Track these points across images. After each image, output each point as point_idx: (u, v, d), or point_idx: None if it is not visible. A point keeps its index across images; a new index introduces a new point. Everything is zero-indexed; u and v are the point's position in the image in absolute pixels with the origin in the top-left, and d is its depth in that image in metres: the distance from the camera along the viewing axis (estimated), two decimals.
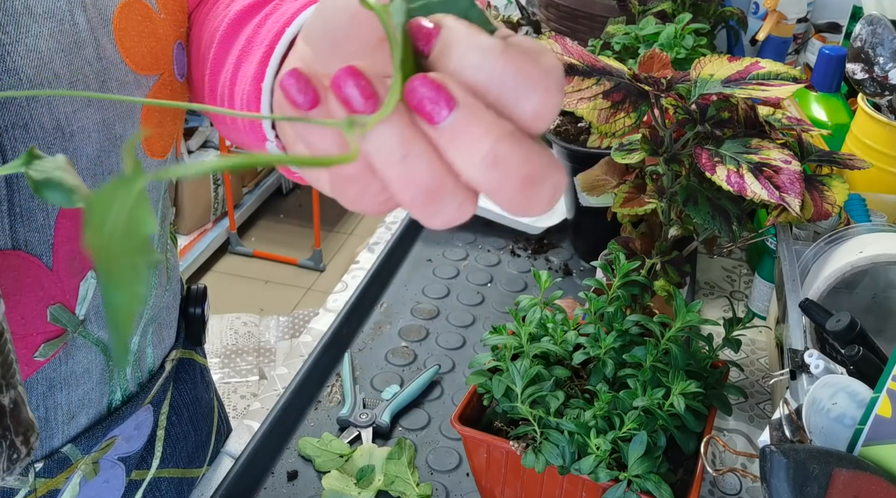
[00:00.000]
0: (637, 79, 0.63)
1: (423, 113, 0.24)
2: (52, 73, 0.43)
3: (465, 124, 0.24)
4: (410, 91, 0.24)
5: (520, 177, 0.24)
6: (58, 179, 0.26)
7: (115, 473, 0.60)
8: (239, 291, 2.81)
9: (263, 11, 0.46)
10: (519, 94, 0.24)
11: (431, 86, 0.24)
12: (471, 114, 0.24)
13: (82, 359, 0.52)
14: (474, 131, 0.24)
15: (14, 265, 0.45)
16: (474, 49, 0.24)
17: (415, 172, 0.25)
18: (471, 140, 0.24)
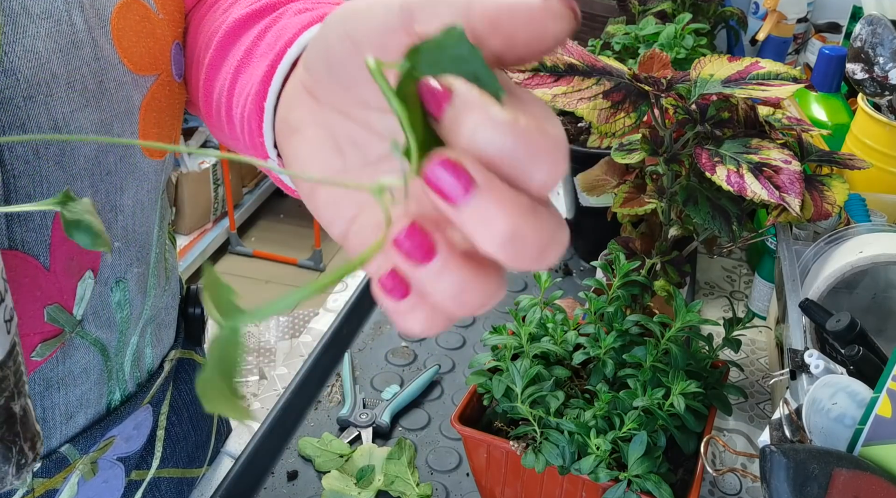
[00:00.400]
0: (637, 79, 0.63)
1: (444, 195, 0.24)
2: (50, 73, 0.43)
3: (485, 206, 0.24)
4: (430, 174, 0.24)
5: (536, 248, 0.25)
6: (87, 223, 0.28)
7: (114, 473, 0.60)
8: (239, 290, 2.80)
9: (263, 23, 0.46)
10: (528, 168, 0.25)
11: (452, 169, 0.24)
12: (490, 194, 0.24)
13: (80, 359, 0.52)
14: (494, 212, 0.24)
15: (11, 265, 0.45)
16: (487, 123, 0.24)
17: (467, 299, 0.26)
18: (490, 220, 0.24)
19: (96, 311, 0.52)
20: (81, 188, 0.47)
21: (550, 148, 0.25)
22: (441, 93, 0.25)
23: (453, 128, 0.25)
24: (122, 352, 0.56)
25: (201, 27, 0.52)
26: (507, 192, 0.24)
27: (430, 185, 0.24)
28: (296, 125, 0.35)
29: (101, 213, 0.50)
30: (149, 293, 0.58)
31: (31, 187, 0.45)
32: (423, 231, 0.25)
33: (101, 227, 0.28)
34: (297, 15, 0.44)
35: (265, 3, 0.48)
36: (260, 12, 0.47)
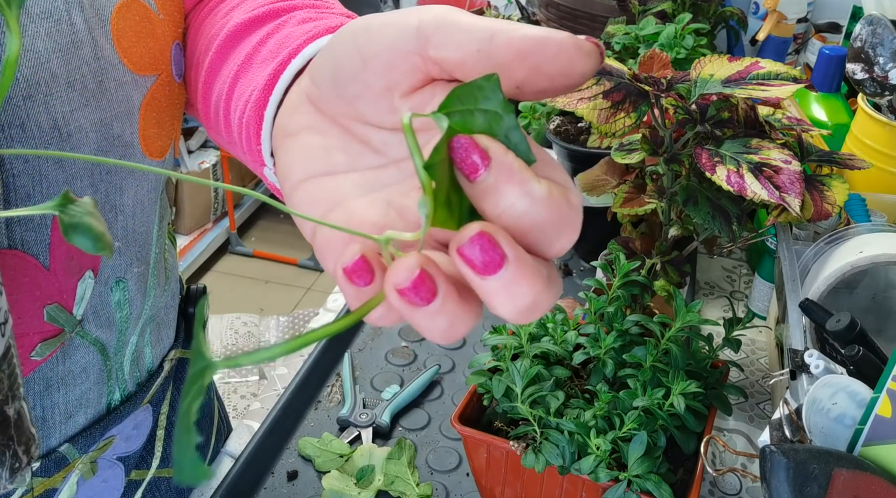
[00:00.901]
0: (637, 79, 0.63)
1: (475, 268, 0.25)
2: (50, 72, 0.43)
3: (513, 280, 0.25)
4: (465, 250, 0.25)
5: (543, 309, 0.26)
6: (87, 225, 0.27)
7: (113, 473, 0.60)
8: (239, 291, 2.81)
9: (265, 29, 0.46)
10: (553, 237, 0.26)
11: (488, 245, 0.25)
12: (518, 270, 0.25)
13: (80, 359, 0.52)
14: (520, 285, 0.25)
15: (10, 264, 0.45)
16: (526, 197, 0.25)
17: (455, 332, 0.27)
18: (516, 293, 0.25)
19: (96, 310, 0.52)
20: (81, 188, 0.47)
21: (574, 218, 0.26)
22: (479, 156, 0.26)
23: (489, 195, 0.26)
24: (122, 351, 0.56)
25: (202, 30, 0.52)
26: (532, 266, 0.25)
27: (464, 258, 0.25)
28: (293, 130, 0.36)
29: (102, 213, 0.50)
30: (148, 293, 0.58)
31: (30, 187, 0.45)
32: (431, 279, 0.26)
33: (102, 228, 0.27)
34: (301, 24, 0.44)
35: (268, 9, 0.47)
36: (262, 18, 0.47)
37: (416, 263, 0.26)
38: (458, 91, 0.26)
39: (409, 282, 0.25)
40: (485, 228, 0.25)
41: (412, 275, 0.25)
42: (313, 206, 0.33)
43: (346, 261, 0.27)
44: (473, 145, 0.26)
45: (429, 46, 0.29)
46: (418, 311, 0.26)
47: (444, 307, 0.26)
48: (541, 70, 0.27)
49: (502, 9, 1.41)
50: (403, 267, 0.25)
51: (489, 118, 0.26)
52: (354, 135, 0.33)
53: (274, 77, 0.40)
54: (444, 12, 0.29)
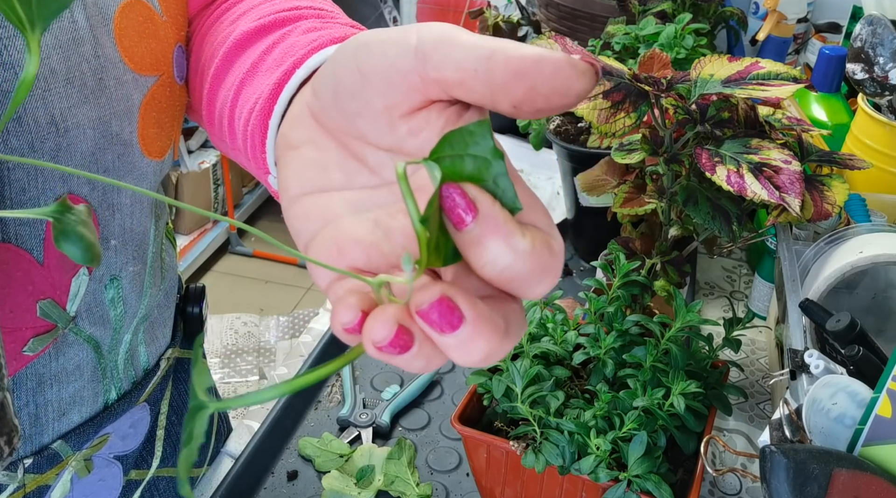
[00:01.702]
0: (637, 79, 0.63)
1: (433, 326, 0.26)
2: (49, 68, 0.43)
3: (468, 338, 0.26)
4: (425, 311, 0.26)
5: (497, 358, 0.27)
6: (79, 234, 0.28)
7: (111, 472, 0.60)
8: (239, 291, 2.81)
9: (271, 38, 0.46)
10: (534, 285, 0.27)
11: (446, 309, 0.26)
12: (475, 328, 0.26)
13: (73, 356, 0.52)
14: (476, 343, 0.26)
15: (3, 258, 0.45)
16: (509, 251, 0.27)
17: (415, 365, 0.28)
18: (470, 349, 0.27)
19: (90, 307, 0.52)
20: (78, 185, 0.47)
21: (555, 266, 0.27)
22: (465, 206, 0.27)
23: (473, 246, 0.27)
24: (116, 349, 0.56)
25: (207, 37, 0.52)
26: (489, 323, 0.27)
27: (424, 318, 0.26)
28: (295, 143, 0.36)
29: (98, 211, 0.50)
30: (145, 292, 0.58)
31: (25, 181, 0.45)
32: (408, 333, 0.27)
33: (92, 239, 0.27)
34: (306, 34, 0.44)
35: (274, 18, 0.47)
36: (268, 27, 0.47)
37: (393, 318, 0.26)
38: (449, 136, 0.27)
39: (387, 340, 0.26)
40: (445, 293, 0.26)
41: (389, 333, 0.26)
42: (307, 221, 0.34)
43: (347, 321, 0.27)
44: (462, 195, 0.27)
45: (427, 66, 0.29)
46: (395, 358, 0.27)
47: (420, 352, 0.27)
48: (537, 90, 0.27)
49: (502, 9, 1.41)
50: (381, 322, 0.26)
51: (478, 164, 0.27)
52: (352, 152, 0.33)
53: (278, 87, 0.40)
54: (444, 31, 0.29)
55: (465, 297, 0.27)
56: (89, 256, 0.27)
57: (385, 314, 0.27)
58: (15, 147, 0.43)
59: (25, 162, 0.40)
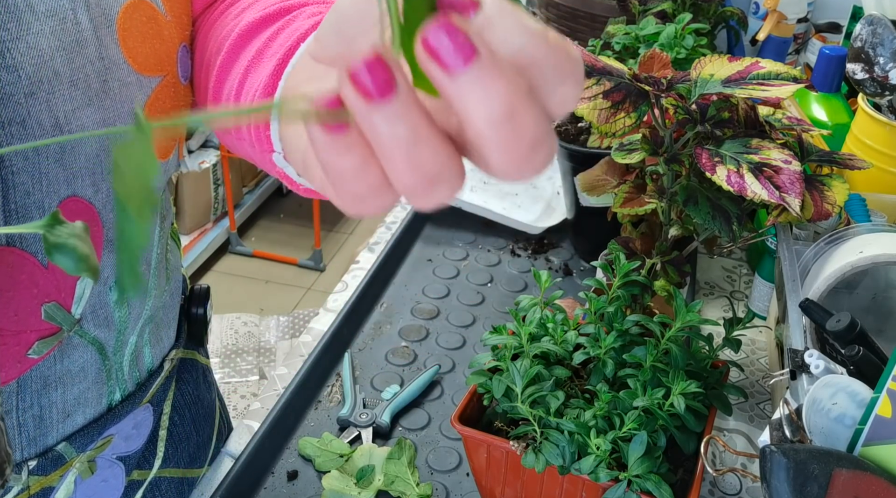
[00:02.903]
0: (637, 79, 0.63)
1: (441, 61, 0.23)
2: (53, 71, 0.43)
3: (485, 78, 0.23)
4: (429, 38, 0.23)
5: (529, 137, 0.24)
6: (71, 246, 0.28)
7: (113, 473, 0.60)
8: (239, 291, 2.81)
9: (276, 25, 0.46)
10: (554, 82, 0.24)
11: (454, 35, 0.23)
12: (491, 67, 0.23)
13: (78, 358, 0.52)
14: (493, 85, 0.23)
15: (8, 261, 0.45)
16: (522, 30, 0.23)
17: (421, 159, 0.24)
18: (489, 93, 0.23)
19: (94, 310, 0.52)
20: (82, 186, 0.47)
21: (575, 66, 0.25)
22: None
23: (483, 31, 0.23)
24: (121, 351, 0.56)
25: (212, 32, 0.52)
26: (508, 69, 0.23)
27: (428, 49, 0.23)
28: (294, 86, 0.36)
29: (102, 214, 0.50)
30: (149, 293, 0.58)
31: (29, 184, 0.45)
32: (387, 68, 0.23)
33: (86, 251, 0.27)
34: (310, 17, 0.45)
35: (278, 7, 0.48)
36: (273, 16, 0.47)
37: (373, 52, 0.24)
38: None
39: (364, 63, 0.23)
40: (454, 19, 0.23)
41: (367, 59, 0.23)
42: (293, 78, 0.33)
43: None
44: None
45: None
46: (375, 110, 0.23)
47: (405, 111, 0.23)
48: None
49: None
50: (361, 55, 0.24)
51: None
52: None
53: (283, 62, 0.40)
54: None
55: (479, 37, 0.23)
56: (83, 266, 0.27)
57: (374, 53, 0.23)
58: (20, 150, 0.43)
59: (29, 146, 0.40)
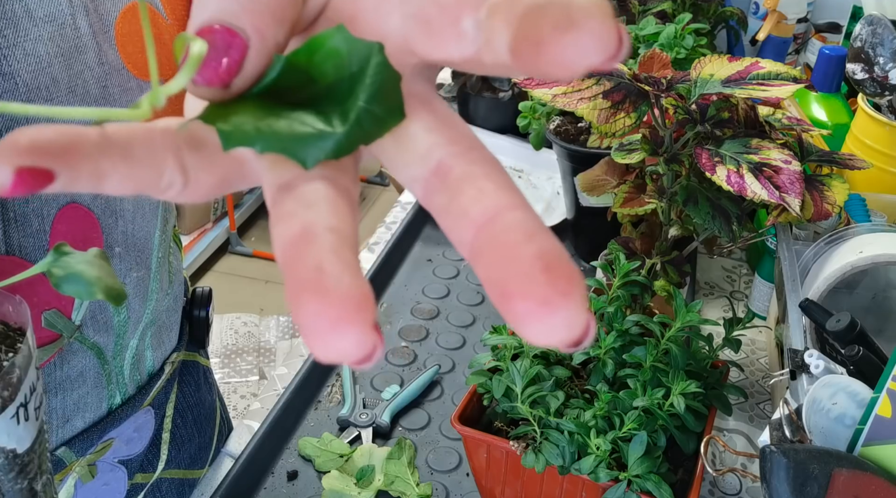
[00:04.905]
0: (637, 79, 0.63)
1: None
2: (51, 77, 0.43)
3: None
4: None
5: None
6: (78, 273, 0.27)
7: (115, 476, 0.60)
8: (239, 291, 2.81)
9: None
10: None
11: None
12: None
13: (77, 363, 0.52)
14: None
15: (7, 270, 0.45)
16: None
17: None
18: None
19: (94, 315, 0.52)
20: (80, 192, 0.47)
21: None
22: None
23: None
24: (121, 355, 0.56)
25: None
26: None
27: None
28: None
29: (101, 218, 0.49)
30: (150, 297, 0.57)
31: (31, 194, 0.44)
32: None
33: (96, 274, 0.27)
34: None
35: None
36: None
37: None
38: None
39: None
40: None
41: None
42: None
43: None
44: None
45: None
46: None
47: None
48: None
49: None
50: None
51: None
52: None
53: None
54: None
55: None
56: (94, 290, 0.27)
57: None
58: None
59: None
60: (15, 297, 0.37)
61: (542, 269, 0.18)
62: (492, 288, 0.19)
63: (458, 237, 0.21)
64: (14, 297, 0.37)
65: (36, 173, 0.19)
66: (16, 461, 0.32)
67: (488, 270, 0.19)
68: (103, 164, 0.20)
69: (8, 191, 0.19)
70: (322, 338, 0.18)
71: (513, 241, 0.19)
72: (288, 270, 0.20)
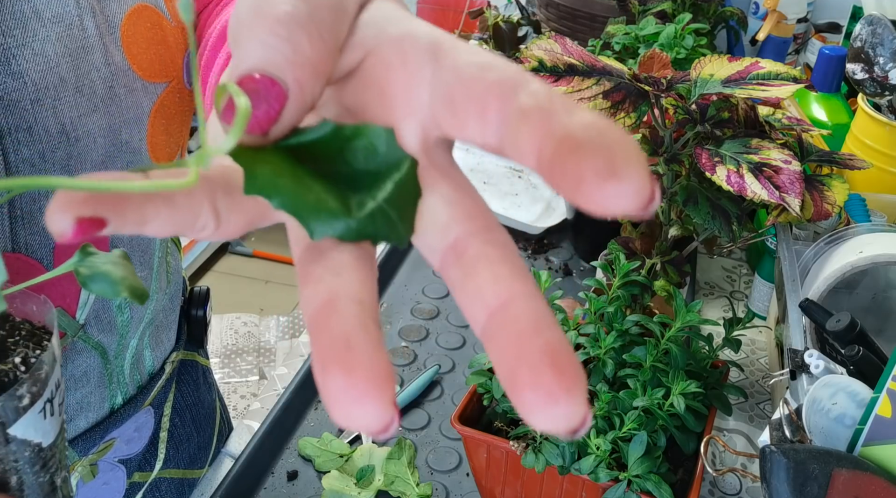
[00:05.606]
0: (637, 79, 0.63)
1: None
2: (58, 77, 0.43)
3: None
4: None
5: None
6: (104, 273, 0.28)
7: (115, 476, 0.60)
8: (239, 291, 2.81)
9: None
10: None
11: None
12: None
13: (81, 363, 0.52)
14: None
15: (14, 268, 0.45)
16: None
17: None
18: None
19: (98, 314, 0.52)
20: None
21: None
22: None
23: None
24: (122, 355, 0.56)
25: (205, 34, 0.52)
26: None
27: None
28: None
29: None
30: (151, 297, 0.57)
31: (35, 191, 0.45)
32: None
33: (121, 273, 0.28)
34: None
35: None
36: None
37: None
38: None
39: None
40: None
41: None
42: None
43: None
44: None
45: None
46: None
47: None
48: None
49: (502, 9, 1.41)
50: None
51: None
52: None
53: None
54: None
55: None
56: (119, 289, 0.28)
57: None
58: (26, 157, 0.43)
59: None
60: (39, 296, 0.37)
61: (549, 364, 0.20)
62: (502, 373, 0.20)
63: (471, 315, 0.22)
64: (38, 296, 0.37)
65: (92, 222, 0.21)
66: (40, 455, 0.33)
67: (499, 356, 0.21)
68: (148, 211, 0.22)
69: (69, 238, 0.21)
70: (345, 410, 0.21)
71: (523, 331, 0.21)
72: (315, 336, 0.21)
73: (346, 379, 0.21)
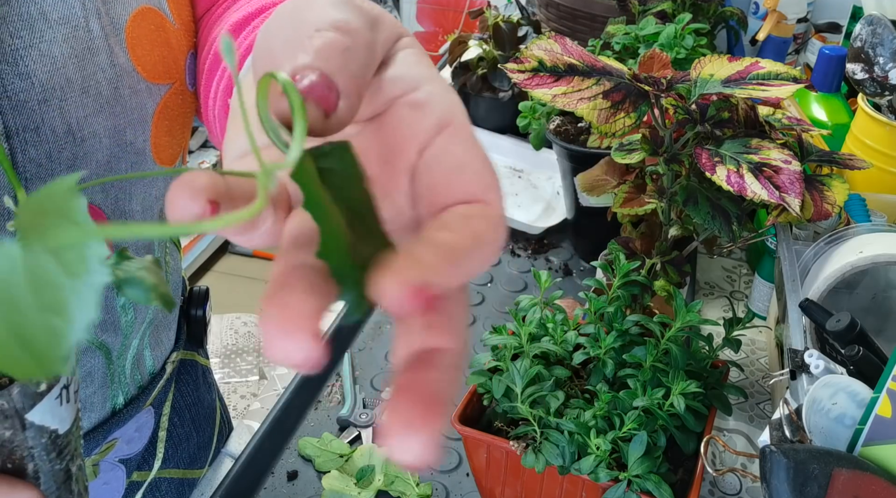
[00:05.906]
0: (637, 79, 0.63)
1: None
2: (65, 78, 0.43)
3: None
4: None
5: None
6: (139, 278, 0.29)
7: (115, 475, 0.60)
8: (239, 291, 2.81)
9: (252, 24, 0.46)
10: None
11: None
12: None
13: (85, 363, 0.52)
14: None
15: None
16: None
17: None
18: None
19: (102, 314, 0.52)
20: (92, 192, 0.48)
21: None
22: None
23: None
24: (124, 355, 0.56)
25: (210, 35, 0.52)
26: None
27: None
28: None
29: (111, 219, 0.50)
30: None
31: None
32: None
33: (154, 280, 0.29)
34: None
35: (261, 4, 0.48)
36: (254, 14, 0.48)
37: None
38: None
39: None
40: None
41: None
42: (230, 146, 0.33)
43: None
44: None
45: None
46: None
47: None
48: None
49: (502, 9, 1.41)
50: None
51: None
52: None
53: (242, 58, 0.41)
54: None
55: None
56: (152, 296, 0.28)
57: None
58: (33, 157, 0.44)
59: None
60: None
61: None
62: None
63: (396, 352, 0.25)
64: None
65: (213, 208, 0.24)
66: (56, 442, 0.33)
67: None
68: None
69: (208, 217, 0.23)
70: (276, 342, 0.22)
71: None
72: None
73: (279, 313, 0.23)
